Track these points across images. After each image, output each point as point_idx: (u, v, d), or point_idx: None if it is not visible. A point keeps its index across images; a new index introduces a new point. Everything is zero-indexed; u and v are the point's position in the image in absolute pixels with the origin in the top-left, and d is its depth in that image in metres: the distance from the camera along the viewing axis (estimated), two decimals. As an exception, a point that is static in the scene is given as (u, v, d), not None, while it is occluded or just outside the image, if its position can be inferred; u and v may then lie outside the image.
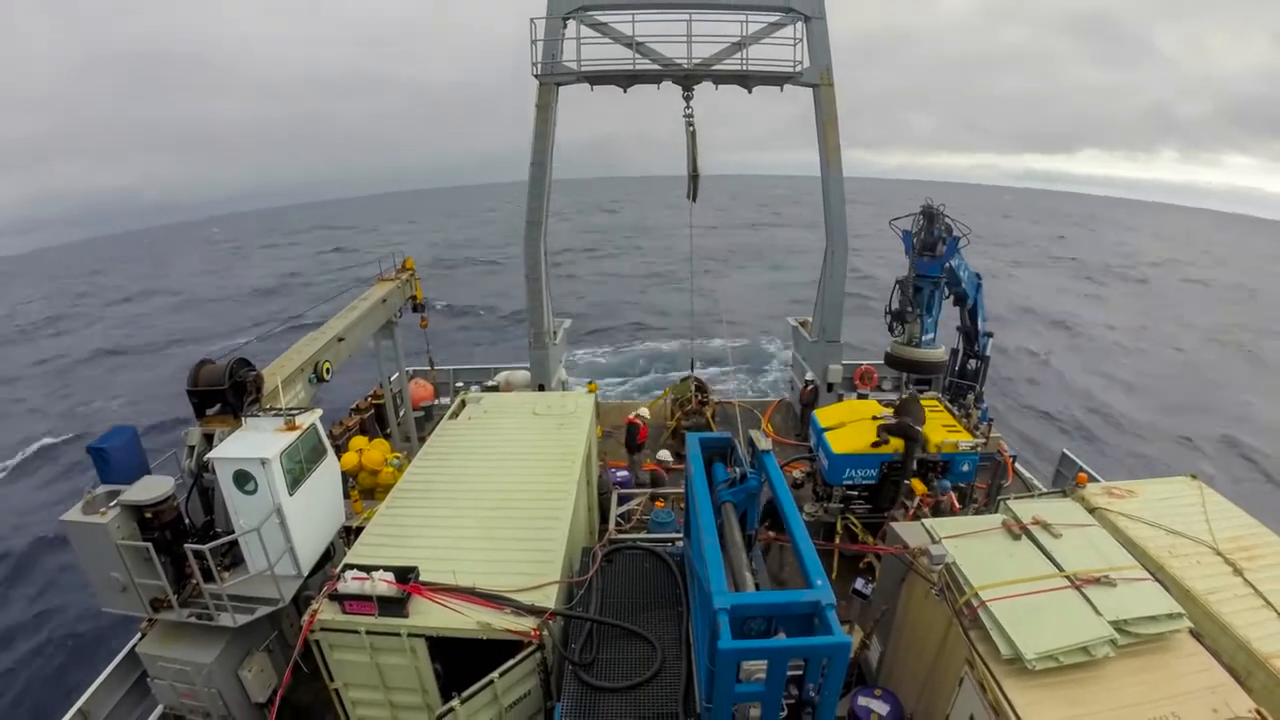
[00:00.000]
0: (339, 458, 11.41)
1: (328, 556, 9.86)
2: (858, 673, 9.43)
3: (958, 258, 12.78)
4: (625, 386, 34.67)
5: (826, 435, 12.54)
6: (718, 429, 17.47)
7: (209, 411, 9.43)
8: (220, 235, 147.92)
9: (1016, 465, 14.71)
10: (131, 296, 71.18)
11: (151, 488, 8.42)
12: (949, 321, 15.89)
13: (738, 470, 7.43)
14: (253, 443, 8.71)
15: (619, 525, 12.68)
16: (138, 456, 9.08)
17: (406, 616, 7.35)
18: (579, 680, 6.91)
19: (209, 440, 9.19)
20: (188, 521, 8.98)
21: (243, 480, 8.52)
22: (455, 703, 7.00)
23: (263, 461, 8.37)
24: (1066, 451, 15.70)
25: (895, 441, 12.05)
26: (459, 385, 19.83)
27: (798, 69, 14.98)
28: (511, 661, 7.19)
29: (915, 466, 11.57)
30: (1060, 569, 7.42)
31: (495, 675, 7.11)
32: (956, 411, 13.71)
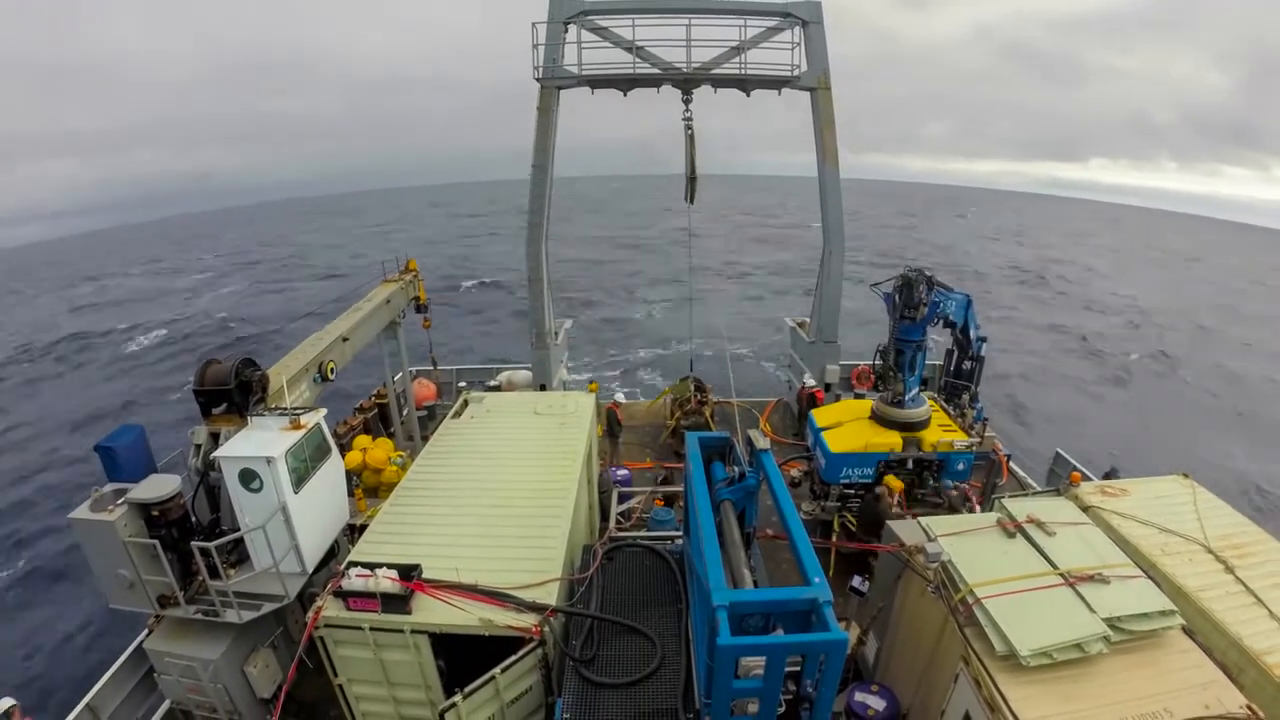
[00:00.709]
0: (343, 456, 11.52)
1: (332, 554, 9.97)
2: (854, 669, 9.53)
3: (946, 300, 12.98)
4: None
5: (824, 434, 12.65)
6: (716, 428, 17.57)
7: (215, 410, 9.52)
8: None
9: (1011, 464, 14.79)
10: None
11: (158, 486, 8.53)
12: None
13: (736, 469, 7.53)
14: (258, 441, 8.82)
15: (619, 523, 12.76)
16: (145, 455, 9.17)
17: (410, 613, 7.42)
18: (580, 676, 6.98)
19: (215, 439, 9.30)
20: (194, 519, 9.08)
21: (248, 478, 8.62)
22: (457, 698, 7.06)
23: (268, 460, 8.48)
24: (1060, 451, 15.78)
25: (893, 438, 12.17)
26: (461, 385, 19.90)
27: (795, 73, 15.10)
28: (513, 657, 7.27)
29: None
30: (1054, 566, 7.51)
31: (497, 671, 7.19)
32: (952, 411, 13.83)
